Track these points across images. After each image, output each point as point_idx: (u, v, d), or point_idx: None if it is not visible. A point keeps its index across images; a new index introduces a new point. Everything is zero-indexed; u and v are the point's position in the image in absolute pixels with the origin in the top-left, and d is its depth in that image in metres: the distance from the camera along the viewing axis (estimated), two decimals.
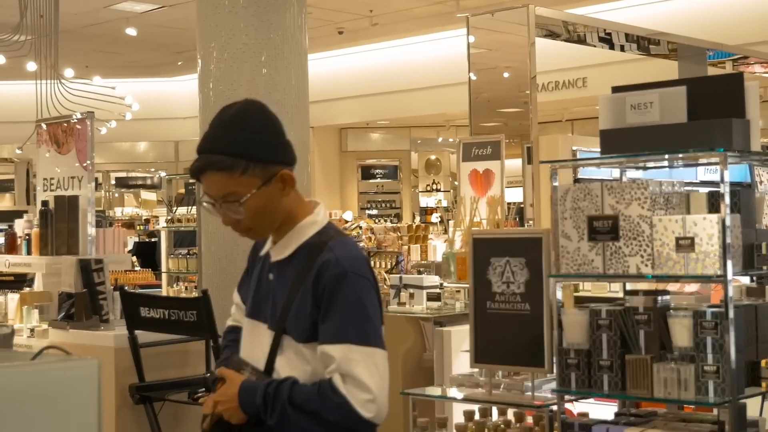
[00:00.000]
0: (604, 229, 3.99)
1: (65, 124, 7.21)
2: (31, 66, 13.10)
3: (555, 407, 4.15)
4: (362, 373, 2.58)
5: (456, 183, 17.51)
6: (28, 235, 7.32)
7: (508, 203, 9.41)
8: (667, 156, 4.10)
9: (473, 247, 4.54)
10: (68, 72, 13.58)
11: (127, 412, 5.82)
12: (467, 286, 4.75)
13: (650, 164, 4.43)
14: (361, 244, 7.63)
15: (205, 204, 2.71)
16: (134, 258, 12.55)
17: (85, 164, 7.03)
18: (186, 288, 9.72)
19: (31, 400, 2.18)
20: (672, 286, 4.50)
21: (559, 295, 4.19)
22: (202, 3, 7.90)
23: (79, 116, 7.19)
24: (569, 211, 4.08)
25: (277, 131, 2.71)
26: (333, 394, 2.59)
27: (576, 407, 4.45)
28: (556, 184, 4.16)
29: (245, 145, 2.62)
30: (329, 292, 2.64)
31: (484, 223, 5.78)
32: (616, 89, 4.29)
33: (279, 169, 2.67)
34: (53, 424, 2.20)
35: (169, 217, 9.98)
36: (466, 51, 7.94)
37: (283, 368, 2.70)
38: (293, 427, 2.62)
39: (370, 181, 21.49)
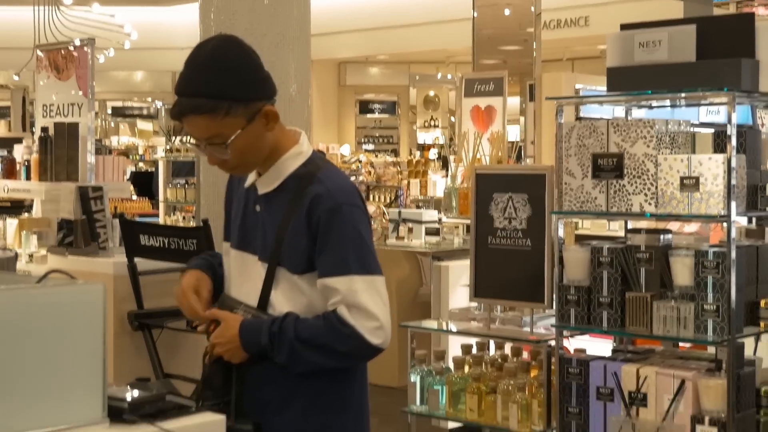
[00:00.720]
0: (608, 167, 3.98)
1: (65, 51, 7.15)
2: None
3: (553, 342, 4.18)
4: (367, 302, 2.60)
5: (453, 119, 17.48)
6: (28, 161, 7.29)
7: (510, 142, 9.41)
8: (673, 95, 4.07)
9: (476, 182, 4.53)
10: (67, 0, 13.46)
11: (125, 339, 5.84)
12: (468, 221, 4.75)
13: (655, 104, 4.41)
14: (361, 178, 7.63)
15: (189, 144, 2.71)
16: (131, 187, 12.57)
17: (85, 91, 6.98)
18: (183, 218, 9.74)
19: (37, 323, 2.19)
20: (672, 226, 4.50)
21: (560, 231, 4.19)
22: None
23: (79, 42, 7.12)
24: (574, 148, 4.07)
25: (255, 66, 2.67)
26: (341, 325, 2.61)
27: (572, 344, 4.47)
28: (561, 120, 4.15)
29: (226, 86, 2.59)
30: (325, 225, 2.64)
31: (486, 159, 5.78)
32: (624, 26, 4.26)
33: (261, 105, 2.65)
34: (59, 346, 2.21)
35: (167, 147, 9.94)
36: None
37: (279, 301, 2.70)
38: (303, 362, 2.64)
39: (368, 116, 21.46)
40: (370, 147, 21.04)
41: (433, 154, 18.03)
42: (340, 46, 18.92)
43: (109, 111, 24.11)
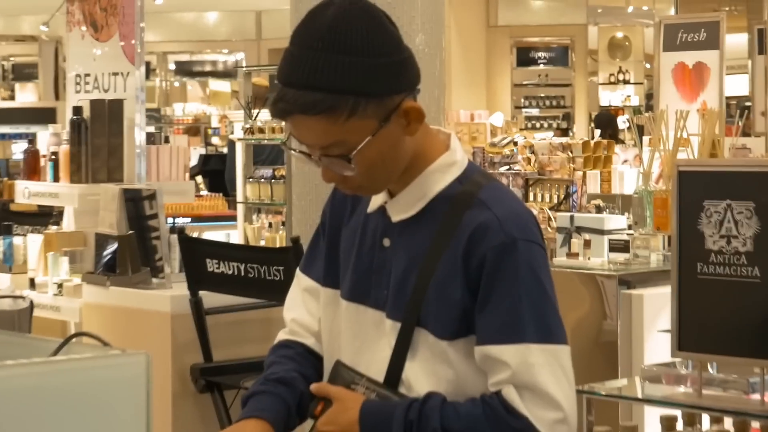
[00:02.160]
0: None
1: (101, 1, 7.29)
2: None
3: None
4: (548, 383, 2.55)
5: (649, 78, 17.23)
6: (55, 153, 7.45)
7: (729, 99, 9.23)
8: None
9: (679, 184, 4.46)
10: None
11: (187, 402, 5.96)
12: (668, 237, 4.68)
13: None
14: (517, 168, 7.57)
15: (295, 153, 2.65)
16: (200, 178, 12.75)
17: (132, 57, 7.10)
18: (271, 224, 9.81)
19: (55, 408, 2.23)
20: None
21: None
22: None
23: None
24: None
25: (393, 46, 2.58)
26: (509, 416, 2.56)
27: None
28: None
29: (351, 75, 2.52)
30: (492, 269, 2.58)
31: (695, 142, 5.68)
32: None
33: (400, 100, 2.58)
34: None
35: (247, 125, 10.02)
36: None
37: (415, 376, 2.66)
38: None
39: (530, 68, 21.47)
40: (534, 111, 21.00)
41: (622, 122, 17.88)
42: None
43: (172, 67, 24.55)
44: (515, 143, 9.09)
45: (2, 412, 2.17)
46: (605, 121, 17.76)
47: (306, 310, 2.92)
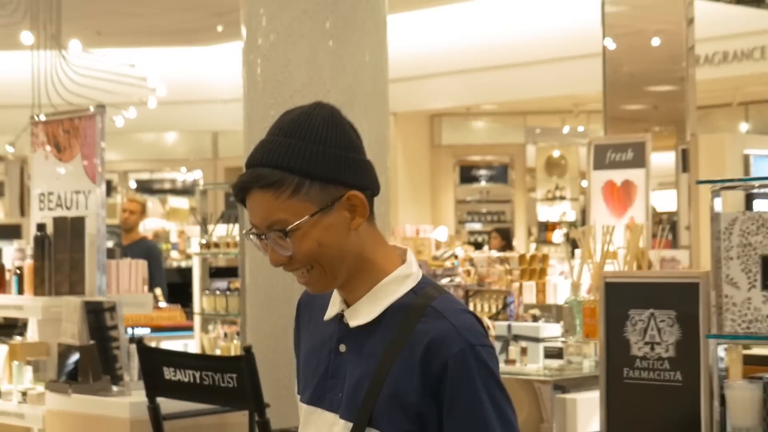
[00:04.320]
0: None
1: (67, 122, 7.31)
2: (27, 37, 13.32)
3: None
4: None
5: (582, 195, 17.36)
6: (20, 268, 7.42)
7: (660, 213, 9.32)
8: None
9: (605, 295, 4.51)
10: (73, 43, 13.81)
11: None
12: (597, 345, 4.73)
13: None
14: (458, 280, 7.61)
15: (251, 237, 2.69)
16: (158, 290, 12.71)
17: (93, 176, 7.12)
18: (226, 334, 9.80)
19: None
20: None
21: (721, 360, 4.14)
22: None
23: (89, 110, 7.28)
24: (737, 248, 4.04)
25: (349, 143, 2.64)
26: None
27: None
28: (718, 210, 4.12)
29: (299, 156, 2.59)
30: (456, 375, 2.59)
31: (622, 255, 5.76)
32: None
33: (346, 192, 2.63)
34: None
35: (203, 241, 10.04)
36: (600, 10, 7.90)
37: None
38: None
39: (472, 185, 21.48)
40: (477, 226, 21.05)
41: (558, 237, 17.96)
42: (433, 95, 19.08)
43: (133, 185, 24.50)
44: (456, 256, 9.15)
45: None
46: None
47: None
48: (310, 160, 2.59)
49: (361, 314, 2.70)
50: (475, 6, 17.84)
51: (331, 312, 2.76)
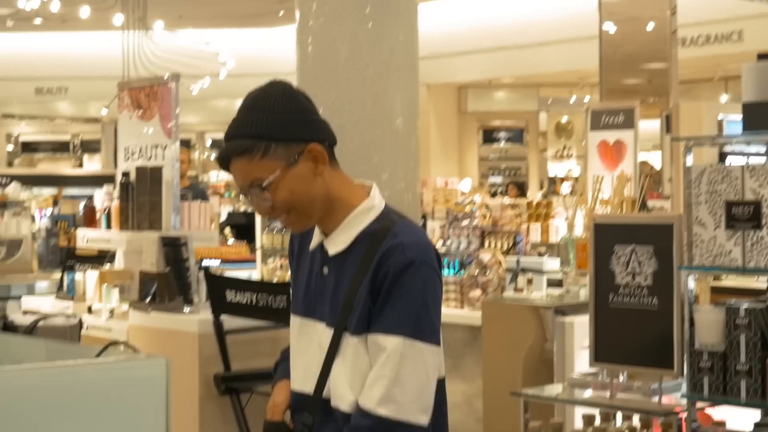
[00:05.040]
0: (744, 216, 3.91)
1: (147, 88, 7.34)
2: (118, 19, 13.32)
3: (683, 414, 4.11)
4: (400, 373, 2.63)
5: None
6: (108, 208, 7.50)
7: (655, 170, 9.26)
8: None
9: (595, 233, 4.50)
10: (158, 24, 13.79)
11: (211, 404, 5.94)
12: (586, 275, 4.72)
13: None
14: (475, 222, 7.60)
15: (240, 195, 2.76)
16: (228, 229, 12.76)
17: (168, 132, 7.15)
18: (281, 266, 9.83)
19: (96, 401, 2.26)
20: None
21: (691, 287, 4.12)
22: None
23: (165, 78, 7.31)
24: (704, 194, 4.01)
25: (301, 108, 2.73)
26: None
27: (715, 413, 4.40)
28: (689, 164, 4.09)
29: (263, 125, 2.66)
30: (391, 280, 2.65)
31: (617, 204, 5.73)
32: (762, 56, 4.19)
33: (305, 145, 2.69)
34: (117, 426, 2.27)
35: None
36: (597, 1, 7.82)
37: (341, 373, 2.71)
38: None
39: (493, 145, 21.38)
40: (498, 179, 20.99)
41: (565, 188, 17.88)
42: (460, 69, 18.95)
43: (208, 144, 24.55)
44: (474, 203, 9.14)
45: (52, 402, 2.20)
46: None
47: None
48: (272, 126, 2.67)
49: (338, 243, 2.76)
50: None
51: (314, 243, 2.83)
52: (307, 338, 2.81)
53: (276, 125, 2.67)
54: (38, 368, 2.35)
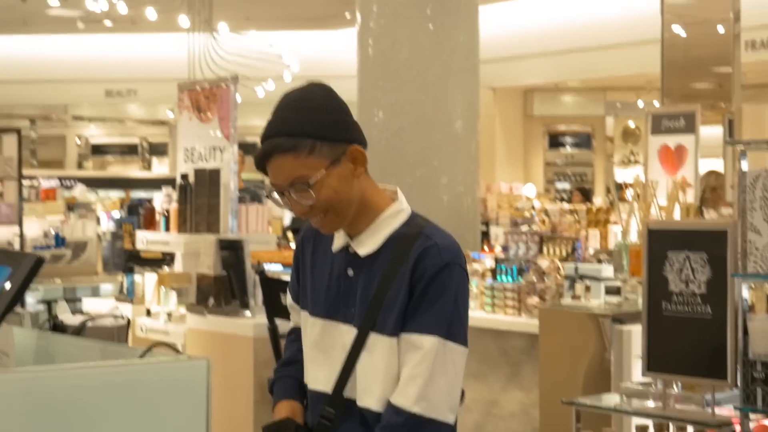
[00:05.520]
0: None
1: (207, 90, 7.40)
2: (184, 20, 13.45)
3: (738, 428, 4.08)
4: (435, 373, 2.67)
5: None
6: (167, 210, 7.57)
7: (717, 174, 9.13)
8: None
9: (648, 239, 4.48)
10: (222, 26, 13.91)
11: (266, 407, 5.96)
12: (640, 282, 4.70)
13: None
14: (534, 227, 7.58)
15: (274, 196, 2.77)
16: (291, 233, 12.82)
17: (227, 134, 7.21)
18: None
19: (137, 399, 2.31)
20: None
21: (746, 296, 4.09)
22: None
23: (225, 81, 7.37)
24: (759, 200, 3.99)
25: (342, 109, 2.75)
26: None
27: None
28: (744, 168, 4.07)
29: (309, 124, 2.67)
30: (428, 280, 2.69)
31: (677, 208, 5.70)
32: None
33: (347, 146, 2.72)
34: (159, 425, 2.32)
35: None
36: (660, 4, 7.77)
37: (369, 372, 2.74)
38: None
39: (559, 150, 21.30)
40: (566, 185, 20.89)
41: (631, 195, 17.78)
42: (526, 72, 18.92)
43: None
44: (534, 208, 9.12)
45: (95, 401, 2.25)
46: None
47: (293, 310, 3.06)
48: (318, 125, 2.68)
49: (368, 244, 2.78)
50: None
51: (337, 245, 2.84)
52: (329, 340, 2.83)
53: (322, 124, 2.68)
54: (82, 368, 2.40)
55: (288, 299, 3.09)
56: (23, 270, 2.52)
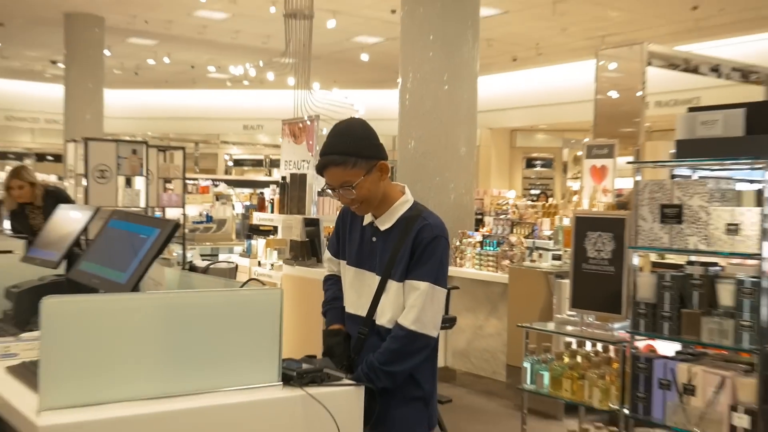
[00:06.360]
0: (672, 214, 3.86)
1: (300, 124, 7.46)
2: (291, 81, 13.48)
3: (627, 344, 4.07)
4: (426, 305, 2.64)
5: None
6: (272, 199, 7.64)
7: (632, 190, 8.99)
8: (722, 161, 3.90)
9: (575, 223, 4.47)
10: (315, 85, 13.93)
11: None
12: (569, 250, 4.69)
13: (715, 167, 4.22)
14: (508, 216, 7.56)
15: (328, 191, 2.76)
16: None
17: (312, 152, 7.25)
18: None
19: (238, 314, 2.29)
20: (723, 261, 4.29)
21: (635, 261, 4.08)
22: (404, 39, 8.01)
23: (311, 118, 7.42)
24: (646, 199, 3.97)
25: (373, 136, 2.71)
26: (398, 329, 2.65)
27: (655, 344, 4.34)
28: (638, 178, 4.05)
29: (352, 147, 2.65)
30: (423, 246, 2.66)
31: (601, 206, 5.65)
32: (691, 109, 4.11)
33: (377, 162, 2.68)
34: (251, 331, 2.29)
35: None
36: (594, 77, 7.69)
37: (386, 304, 2.72)
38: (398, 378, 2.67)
39: (532, 169, 21.18)
40: (536, 192, 20.75)
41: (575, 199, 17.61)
42: (513, 118, 18.83)
43: None
44: (508, 203, 9.08)
45: (213, 311, 2.22)
46: None
47: (332, 262, 3.01)
48: (359, 147, 2.64)
49: (386, 222, 2.75)
50: (539, 70, 17.62)
51: (366, 221, 2.81)
52: (360, 282, 2.81)
53: (361, 147, 2.65)
54: (205, 292, 2.38)
55: (326, 254, 3.05)
56: (166, 231, 2.54)
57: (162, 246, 2.50)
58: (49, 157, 23.36)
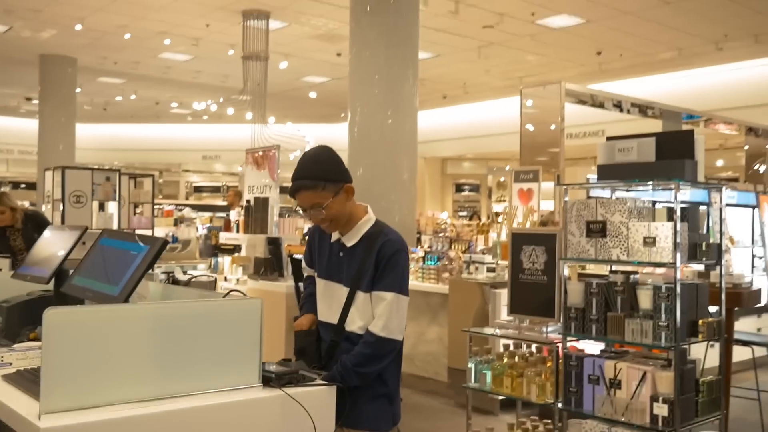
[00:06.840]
0: (596, 230, 3.91)
1: (262, 153, 7.38)
2: (249, 115, 13.39)
3: (560, 344, 4.09)
4: (392, 313, 2.61)
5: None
6: (238, 221, 7.54)
7: (551, 211, 9.13)
8: (637, 183, 3.98)
9: (511, 239, 4.50)
10: (271, 119, 13.84)
11: (291, 335, 5.93)
12: (507, 263, 4.71)
13: (632, 188, 4.31)
14: (447, 234, 7.59)
15: (299, 212, 2.73)
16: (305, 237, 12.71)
17: (273, 178, 7.18)
18: None
19: (220, 322, 2.24)
20: (642, 270, 4.37)
21: (565, 271, 4.12)
22: (353, 78, 8.01)
23: (271, 148, 7.35)
24: (574, 217, 4.01)
25: (339, 161, 2.69)
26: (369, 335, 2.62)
27: (580, 345, 4.37)
28: (566, 199, 4.09)
29: (321, 172, 2.62)
30: (386, 260, 2.64)
31: (528, 224, 5.69)
32: (609, 138, 4.19)
33: (343, 184, 2.67)
34: (233, 337, 2.25)
35: None
36: (519, 112, 7.81)
37: (355, 313, 2.69)
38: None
39: (461, 193, 21.38)
40: (463, 213, 20.93)
41: (501, 218, 17.82)
42: (444, 148, 18.99)
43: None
44: (447, 222, 9.13)
45: (196, 321, 2.17)
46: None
47: (308, 270, 2.97)
48: (326, 172, 2.62)
49: (352, 238, 2.73)
50: (466, 106, 17.83)
51: (334, 238, 2.78)
52: (330, 293, 2.78)
53: (329, 172, 2.62)
54: (189, 302, 2.34)
55: (303, 263, 3.01)
56: (155, 248, 2.48)
57: (152, 261, 2.43)
58: (23, 185, 22.72)
